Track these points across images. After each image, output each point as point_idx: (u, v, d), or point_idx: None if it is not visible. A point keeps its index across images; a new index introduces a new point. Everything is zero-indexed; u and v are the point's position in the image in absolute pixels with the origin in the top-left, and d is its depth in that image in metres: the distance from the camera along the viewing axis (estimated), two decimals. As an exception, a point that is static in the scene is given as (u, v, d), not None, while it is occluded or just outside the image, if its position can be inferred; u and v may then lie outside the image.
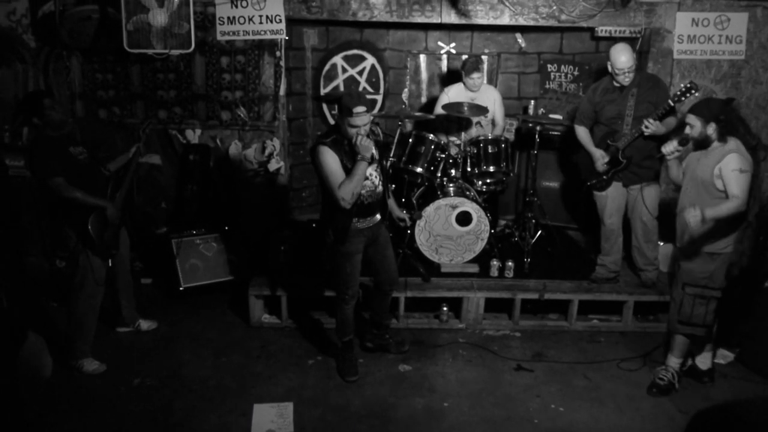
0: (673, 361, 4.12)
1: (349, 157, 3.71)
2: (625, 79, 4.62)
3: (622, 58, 4.57)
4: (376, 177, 3.89)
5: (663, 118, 4.53)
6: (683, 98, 4.42)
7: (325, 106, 6.40)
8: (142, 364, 4.31)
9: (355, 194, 3.69)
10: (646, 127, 4.45)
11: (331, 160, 3.68)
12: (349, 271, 3.93)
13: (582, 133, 4.91)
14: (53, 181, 3.89)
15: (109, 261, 4.19)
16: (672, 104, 4.46)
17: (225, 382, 4.14)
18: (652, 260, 4.95)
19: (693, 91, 4.36)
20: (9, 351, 2.28)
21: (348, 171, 3.71)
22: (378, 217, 4.04)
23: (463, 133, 5.43)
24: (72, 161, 4.01)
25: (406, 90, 6.67)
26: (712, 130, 3.72)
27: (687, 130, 3.82)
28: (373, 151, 3.78)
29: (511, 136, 6.39)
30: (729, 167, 3.64)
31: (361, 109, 3.61)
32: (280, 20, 5.35)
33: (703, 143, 3.80)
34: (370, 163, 3.78)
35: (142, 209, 5.70)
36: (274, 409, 3.85)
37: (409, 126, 6.39)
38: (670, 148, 3.90)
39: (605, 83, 4.82)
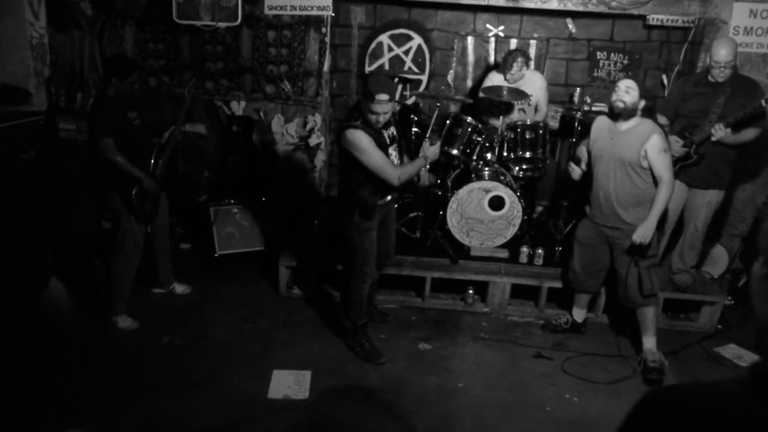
0: (651, 342, 4.22)
1: (376, 137, 3.75)
2: (721, 74, 4.42)
3: (722, 51, 4.37)
4: (395, 157, 3.93)
5: (742, 124, 4.34)
6: None
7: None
8: (172, 324, 4.50)
9: (403, 180, 3.85)
10: (715, 132, 4.31)
11: (366, 140, 3.70)
12: (368, 247, 3.99)
13: (662, 122, 4.71)
14: (104, 141, 4.06)
15: (148, 227, 4.38)
16: (764, 104, 4.17)
17: (249, 346, 4.29)
18: (689, 265, 4.85)
19: None
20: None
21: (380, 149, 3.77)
22: (391, 195, 4.11)
23: (502, 118, 5.40)
24: (127, 125, 4.19)
25: (451, 72, 6.64)
26: (641, 106, 3.92)
27: (625, 96, 3.92)
28: (393, 131, 3.90)
29: (555, 124, 6.31)
30: (656, 148, 3.85)
31: (383, 96, 3.61)
32: (327, -3, 5.42)
33: (626, 114, 3.94)
34: (390, 144, 3.84)
35: (185, 177, 5.90)
36: (292, 375, 3.98)
37: (453, 108, 6.38)
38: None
39: (699, 76, 4.69)
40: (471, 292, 4.91)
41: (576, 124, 5.27)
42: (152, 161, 4.30)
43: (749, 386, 1.03)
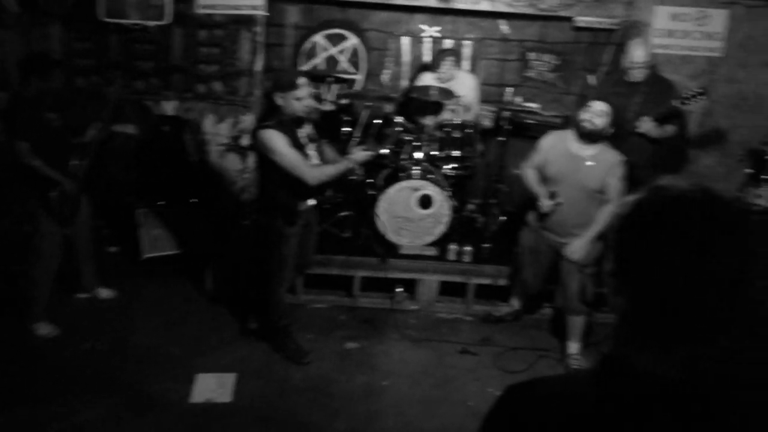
0: (576, 347, 4.32)
1: (291, 136, 3.75)
2: (638, 74, 4.60)
3: (637, 52, 4.58)
4: (315, 158, 3.94)
5: (663, 121, 4.49)
6: (690, 101, 4.35)
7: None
8: (94, 329, 4.42)
9: (322, 180, 3.85)
10: (640, 124, 4.43)
11: (281, 142, 3.69)
12: (286, 252, 3.99)
13: None
14: (19, 144, 3.96)
15: (67, 229, 4.29)
16: (675, 105, 4.37)
17: (174, 350, 4.25)
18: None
19: (703, 96, 4.32)
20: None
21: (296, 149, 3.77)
22: (313, 200, 4.12)
23: (432, 117, 5.46)
24: (44, 127, 4.09)
25: (387, 71, 6.67)
26: (609, 132, 4.01)
27: (596, 119, 3.96)
28: (312, 131, 3.95)
29: (489, 123, 6.40)
30: (617, 176, 3.96)
31: (302, 80, 3.71)
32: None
33: (594, 137, 4.00)
34: (308, 143, 3.85)
35: (114, 178, 5.79)
36: (216, 378, 3.96)
37: (388, 108, 6.42)
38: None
39: (617, 75, 4.84)
40: (400, 290, 4.95)
41: (503, 123, 5.37)
42: (72, 163, 4.22)
43: (597, 376, 1.08)
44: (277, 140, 3.67)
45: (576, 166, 4.05)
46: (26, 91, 4.06)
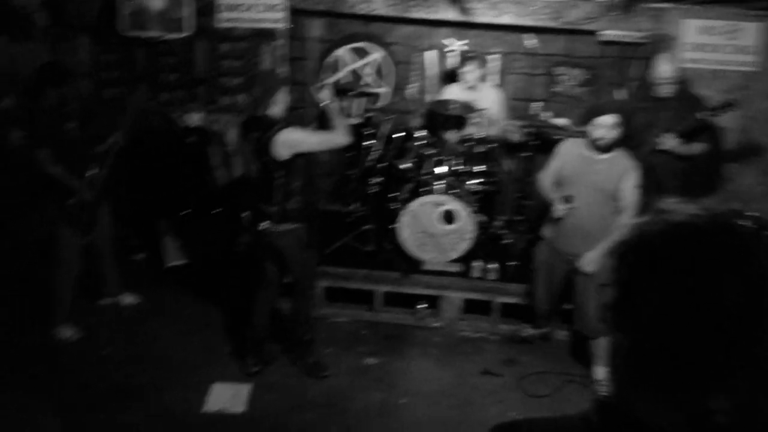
0: (603, 372, 4.08)
1: None
2: (664, 90, 4.45)
3: (663, 66, 4.44)
4: None
5: (692, 134, 4.32)
6: (716, 114, 4.20)
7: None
8: (115, 336, 4.43)
9: (347, 131, 3.86)
10: (662, 141, 4.28)
11: (298, 131, 3.81)
12: (266, 267, 4.14)
13: None
14: (39, 152, 4.00)
15: (85, 238, 4.29)
16: (702, 118, 4.20)
17: (191, 359, 4.20)
18: None
19: (731, 107, 4.16)
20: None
21: None
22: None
23: (455, 131, 5.38)
24: (64, 137, 4.12)
25: (411, 86, 6.63)
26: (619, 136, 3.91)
27: (609, 133, 3.87)
28: None
29: (516, 138, 6.30)
30: (631, 183, 3.84)
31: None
32: (281, 9, 5.39)
33: (608, 148, 3.91)
34: None
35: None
36: (231, 389, 3.91)
37: (413, 122, 6.38)
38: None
39: (645, 91, 4.71)
40: (423, 306, 4.85)
41: (530, 138, 5.27)
42: (91, 172, 4.23)
43: (591, 422, 0.98)
44: (296, 131, 3.75)
45: (590, 167, 3.99)
46: (44, 100, 4.08)
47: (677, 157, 4.44)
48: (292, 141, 3.72)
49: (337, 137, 3.80)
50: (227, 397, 3.81)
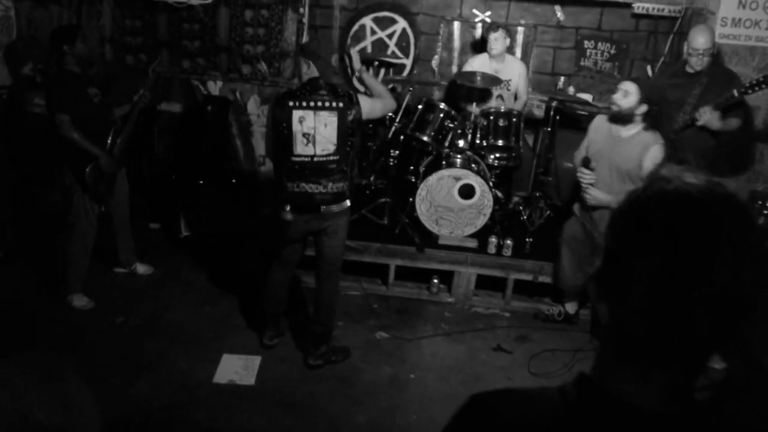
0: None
1: None
2: (698, 63, 4.24)
3: (699, 38, 4.21)
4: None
5: (725, 111, 4.14)
6: (753, 90, 3.99)
7: (349, 67, 6.33)
8: (129, 304, 4.45)
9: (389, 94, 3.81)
10: (700, 115, 4.08)
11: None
12: (281, 239, 3.92)
13: None
14: (59, 116, 4.00)
15: (102, 206, 4.32)
16: (736, 94, 4.01)
17: (203, 329, 4.23)
18: None
19: (766, 85, 3.95)
20: None
21: None
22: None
23: (477, 104, 5.28)
24: (85, 102, 4.12)
25: (436, 57, 6.51)
26: (641, 111, 3.80)
27: (621, 101, 3.82)
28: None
29: (540, 113, 6.17)
30: (654, 160, 3.76)
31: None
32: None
33: (624, 118, 3.85)
34: None
35: (160, 156, 5.84)
36: (241, 360, 3.93)
37: (436, 94, 6.28)
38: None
39: (677, 66, 4.54)
40: (436, 281, 4.82)
41: (552, 113, 5.14)
42: (110, 139, 4.24)
43: (568, 396, 0.95)
44: (363, 99, 3.59)
45: (612, 147, 3.96)
46: (66, 63, 4.08)
47: (711, 134, 4.27)
48: (369, 108, 3.55)
49: (390, 102, 3.72)
50: (237, 368, 3.84)
